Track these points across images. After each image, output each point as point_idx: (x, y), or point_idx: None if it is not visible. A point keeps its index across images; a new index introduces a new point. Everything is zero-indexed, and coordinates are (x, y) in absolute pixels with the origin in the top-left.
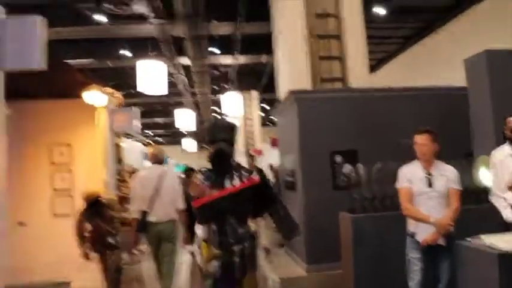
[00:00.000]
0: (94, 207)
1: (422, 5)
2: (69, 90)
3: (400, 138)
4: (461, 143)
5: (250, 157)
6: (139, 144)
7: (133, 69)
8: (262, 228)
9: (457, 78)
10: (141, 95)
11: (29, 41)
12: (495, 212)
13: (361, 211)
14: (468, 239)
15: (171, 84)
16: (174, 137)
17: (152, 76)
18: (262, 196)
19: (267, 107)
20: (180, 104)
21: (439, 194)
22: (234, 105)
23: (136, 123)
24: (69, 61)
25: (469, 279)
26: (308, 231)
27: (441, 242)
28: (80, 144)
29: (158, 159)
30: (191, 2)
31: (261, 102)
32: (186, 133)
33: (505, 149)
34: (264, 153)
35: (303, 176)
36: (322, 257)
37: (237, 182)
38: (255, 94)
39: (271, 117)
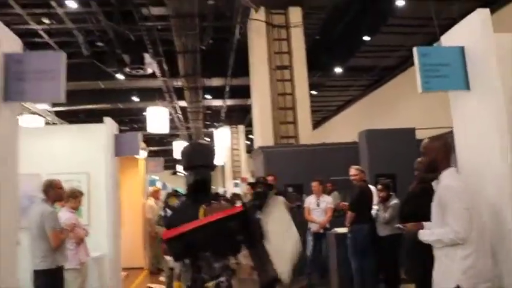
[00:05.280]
0: None
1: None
2: None
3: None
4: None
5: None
6: None
7: (140, 110)
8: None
9: None
10: (142, 127)
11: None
12: None
13: None
14: (332, 230)
15: (170, 120)
16: (168, 162)
17: (157, 119)
18: (245, 230)
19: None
20: (176, 136)
21: (321, 209)
22: (224, 138)
23: (162, 167)
24: (90, 106)
25: (329, 249)
26: None
27: (321, 231)
28: (126, 180)
29: None
30: (190, 64)
31: (247, 133)
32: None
33: None
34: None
35: None
36: None
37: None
38: (241, 128)
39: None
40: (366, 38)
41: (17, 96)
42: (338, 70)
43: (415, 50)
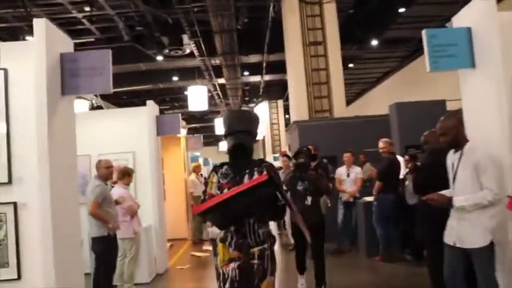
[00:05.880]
0: None
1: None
2: None
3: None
4: None
5: (286, 156)
6: None
7: (180, 89)
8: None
9: None
10: (183, 106)
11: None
12: None
13: None
14: (361, 199)
15: (210, 97)
16: (210, 138)
17: (197, 97)
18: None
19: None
20: (216, 113)
21: (351, 180)
22: (263, 113)
23: (201, 144)
24: (133, 88)
25: (358, 217)
26: None
27: (351, 200)
28: (168, 157)
29: None
30: (227, 43)
31: (286, 108)
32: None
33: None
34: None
35: None
36: None
37: None
38: (280, 103)
39: None
40: (402, 10)
41: (72, 90)
42: (374, 42)
43: (423, 32)
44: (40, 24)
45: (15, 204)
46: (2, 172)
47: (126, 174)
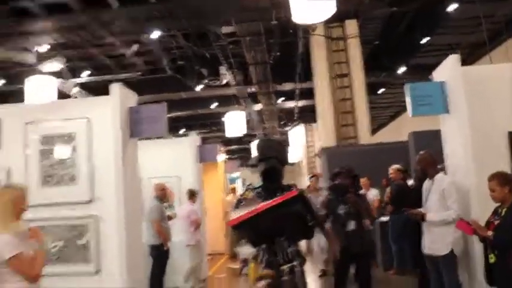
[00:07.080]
0: None
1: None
2: None
3: None
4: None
5: (315, 177)
6: None
7: (219, 114)
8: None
9: None
10: (221, 129)
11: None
12: None
13: None
14: (379, 219)
15: (247, 122)
16: (247, 160)
17: (235, 122)
18: (310, 213)
19: None
20: (253, 136)
21: (369, 201)
22: (298, 136)
23: (237, 167)
24: (175, 114)
25: (376, 234)
26: None
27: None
28: (208, 180)
29: None
30: (261, 73)
31: None
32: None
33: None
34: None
35: None
36: None
37: None
38: (315, 125)
39: None
40: (424, 40)
41: (137, 134)
42: (401, 69)
43: (406, 86)
44: (115, 87)
45: (96, 216)
46: (86, 193)
47: (193, 194)
